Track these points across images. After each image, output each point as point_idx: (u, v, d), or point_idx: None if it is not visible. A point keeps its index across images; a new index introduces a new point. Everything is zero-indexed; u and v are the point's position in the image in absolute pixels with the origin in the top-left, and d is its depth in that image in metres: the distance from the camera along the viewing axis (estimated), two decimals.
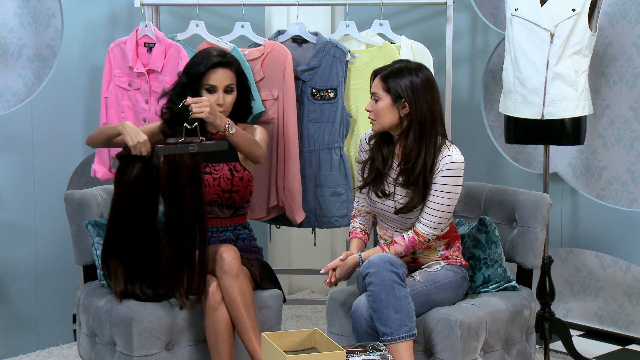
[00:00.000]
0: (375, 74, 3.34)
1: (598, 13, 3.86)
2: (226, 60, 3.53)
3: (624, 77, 4.41)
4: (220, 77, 3.50)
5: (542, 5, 3.87)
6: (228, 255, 3.34)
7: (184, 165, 3.29)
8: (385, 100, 3.27)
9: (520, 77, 3.92)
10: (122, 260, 3.38)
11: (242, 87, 3.60)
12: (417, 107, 3.24)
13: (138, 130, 3.35)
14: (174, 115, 3.52)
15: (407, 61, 3.34)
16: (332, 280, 3.33)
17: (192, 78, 3.52)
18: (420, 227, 3.29)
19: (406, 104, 3.24)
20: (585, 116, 3.94)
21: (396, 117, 3.27)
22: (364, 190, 3.41)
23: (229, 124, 3.39)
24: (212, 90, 3.50)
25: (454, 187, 3.26)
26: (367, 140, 3.44)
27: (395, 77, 3.26)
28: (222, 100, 3.50)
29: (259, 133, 3.63)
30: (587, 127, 4.05)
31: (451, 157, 3.25)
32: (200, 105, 3.32)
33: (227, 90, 3.52)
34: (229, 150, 3.56)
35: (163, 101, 3.60)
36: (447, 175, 3.24)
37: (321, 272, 3.36)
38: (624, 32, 4.38)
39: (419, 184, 3.25)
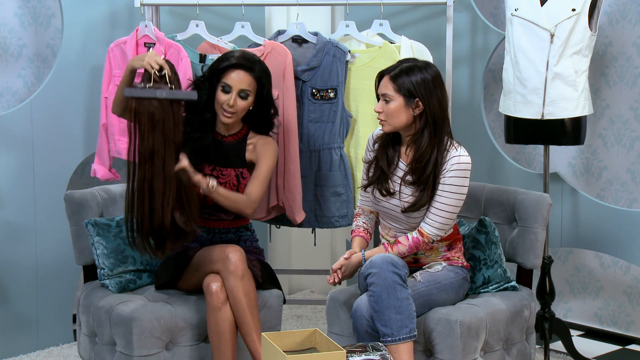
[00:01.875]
0: (381, 75, 3.32)
1: (598, 13, 3.86)
2: (248, 64, 3.48)
3: (624, 77, 4.41)
4: (238, 79, 3.46)
5: (542, 5, 3.87)
6: (234, 256, 3.33)
7: (145, 109, 3.24)
8: (398, 100, 3.25)
9: (520, 77, 3.92)
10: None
11: (262, 98, 3.54)
12: (431, 105, 3.23)
13: (142, 55, 3.32)
14: (190, 104, 3.50)
15: (414, 59, 3.33)
16: (336, 280, 3.33)
17: (212, 73, 3.50)
18: (425, 228, 3.29)
19: (420, 103, 3.23)
20: (585, 116, 3.94)
21: (409, 116, 3.26)
22: (369, 189, 3.41)
23: (210, 181, 3.35)
24: (227, 89, 3.46)
25: (460, 187, 3.25)
26: (373, 139, 3.44)
27: (407, 75, 3.24)
28: (234, 102, 3.45)
29: (270, 149, 3.59)
30: (587, 127, 4.05)
31: (459, 158, 3.24)
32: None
33: (242, 95, 3.47)
34: (238, 156, 3.56)
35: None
36: (454, 176, 3.24)
37: (329, 280, 3.35)
38: (624, 32, 4.38)
39: (429, 182, 3.24)
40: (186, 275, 3.50)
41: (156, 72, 3.28)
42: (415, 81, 3.23)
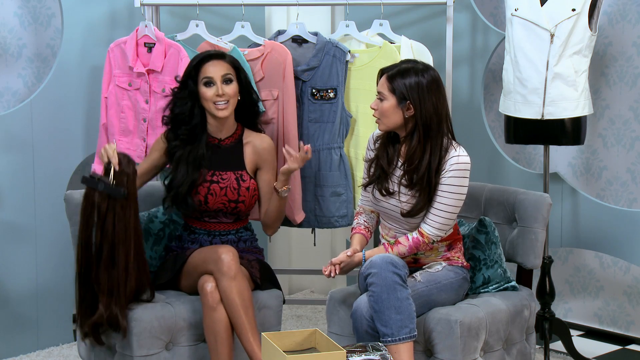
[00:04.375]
0: (382, 72, 3.32)
1: (598, 13, 3.86)
2: (218, 53, 3.54)
3: (624, 77, 4.41)
4: (215, 68, 3.50)
5: (542, 5, 3.87)
6: (226, 257, 3.33)
7: (92, 199, 3.36)
8: (390, 100, 3.26)
9: (520, 77, 3.92)
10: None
11: (242, 82, 3.59)
12: (422, 110, 3.22)
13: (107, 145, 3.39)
14: (175, 117, 3.55)
15: (415, 61, 3.33)
16: (332, 274, 3.33)
17: (188, 76, 3.52)
18: (425, 228, 3.29)
19: (411, 105, 3.23)
20: (585, 116, 3.94)
21: (400, 118, 3.26)
22: (369, 189, 3.41)
23: (288, 187, 3.54)
24: (209, 83, 3.50)
25: (459, 187, 3.25)
26: (374, 139, 3.44)
27: (402, 77, 3.24)
28: (222, 90, 3.49)
29: (270, 156, 3.63)
30: (587, 127, 4.05)
31: (458, 158, 3.24)
32: None
33: (226, 80, 3.51)
34: (236, 158, 3.57)
35: (163, 105, 3.62)
36: (453, 176, 3.23)
37: (324, 272, 3.35)
38: (624, 32, 4.38)
39: (424, 185, 3.24)
40: (183, 276, 3.51)
41: (115, 169, 3.34)
42: (408, 84, 3.22)
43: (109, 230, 3.31)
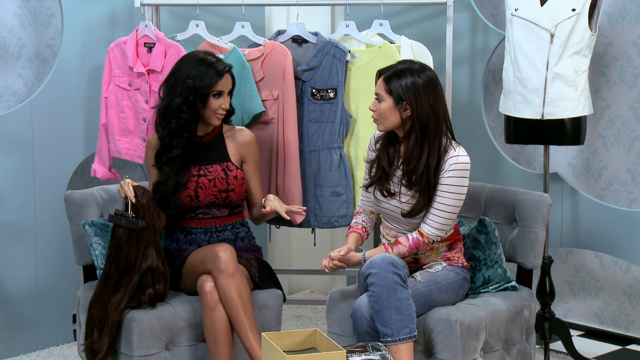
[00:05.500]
0: (379, 73, 3.33)
1: (598, 13, 3.87)
2: (229, 65, 3.58)
3: (624, 77, 4.41)
4: (227, 83, 3.56)
5: (542, 5, 3.87)
6: (224, 255, 3.34)
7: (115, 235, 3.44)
8: (388, 101, 3.26)
9: (520, 77, 3.92)
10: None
11: (233, 88, 3.66)
12: (419, 110, 3.23)
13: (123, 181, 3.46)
14: (184, 124, 3.53)
15: (411, 62, 3.33)
16: (327, 270, 3.37)
17: (205, 87, 3.51)
18: (425, 228, 3.29)
19: (407, 106, 3.24)
20: (585, 116, 3.94)
21: (398, 118, 3.26)
22: (370, 190, 3.41)
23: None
24: (219, 95, 3.53)
25: (459, 187, 3.25)
26: (375, 139, 3.44)
27: (398, 78, 3.24)
28: (227, 103, 3.56)
29: (252, 149, 3.67)
30: (587, 127, 4.05)
31: (457, 158, 3.24)
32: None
33: (229, 93, 3.58)
34: (219, 151, 3.59)
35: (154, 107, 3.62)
36: (453, 176, 3.24)
37: (323, 263, 3.38)
38: (624, 32, 4.38)
39: (423, 185, 3.24)
40: (183, 277, 3.51)
41: (132, 201, 3.41)
42: (404, 84, 3.23)
43: (122, 260, 3.39)
